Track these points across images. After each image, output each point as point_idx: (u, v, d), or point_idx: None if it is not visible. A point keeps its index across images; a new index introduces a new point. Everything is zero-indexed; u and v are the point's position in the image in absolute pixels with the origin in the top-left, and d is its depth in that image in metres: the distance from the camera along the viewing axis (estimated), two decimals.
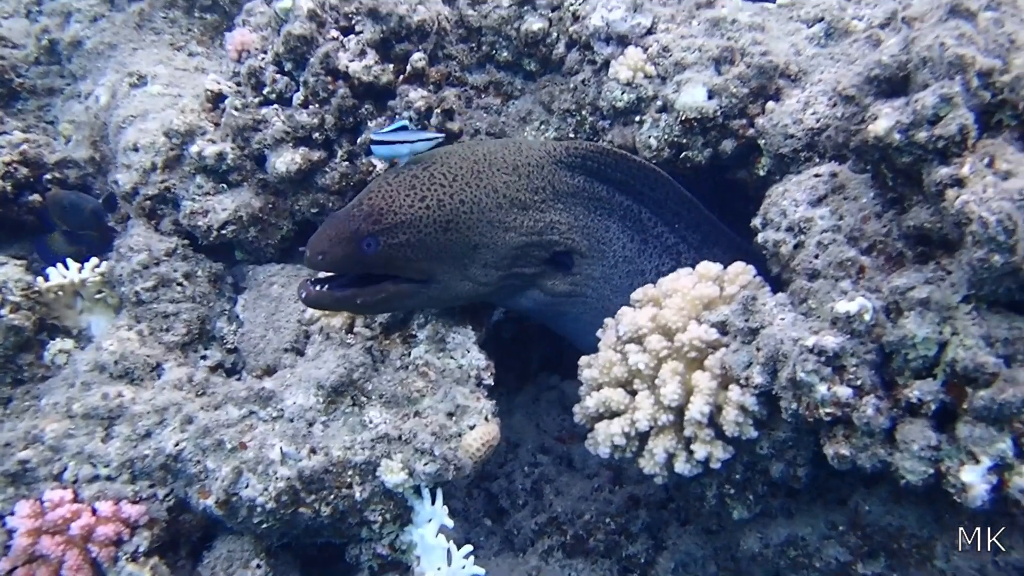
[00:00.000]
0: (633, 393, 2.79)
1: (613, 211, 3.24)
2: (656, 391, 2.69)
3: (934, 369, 2.24)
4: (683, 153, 3.21)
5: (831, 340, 2.28)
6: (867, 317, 2.29)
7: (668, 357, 2.72)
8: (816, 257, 2.58)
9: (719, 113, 3.09)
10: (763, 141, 3.04)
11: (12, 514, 2.69)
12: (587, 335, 3.04)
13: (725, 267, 2.88)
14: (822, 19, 3.24)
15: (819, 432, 2.44)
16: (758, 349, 2.51)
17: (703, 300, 2.77)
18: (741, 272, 2.83)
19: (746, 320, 2.60)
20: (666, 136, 3.20)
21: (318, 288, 2.81)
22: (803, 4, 3.34)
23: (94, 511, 2.74)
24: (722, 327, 2.69)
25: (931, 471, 2.19)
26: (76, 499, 2.76)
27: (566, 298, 3.27)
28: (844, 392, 2.26)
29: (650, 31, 3.27)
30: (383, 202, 2.80)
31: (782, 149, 2.96)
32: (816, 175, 2.76)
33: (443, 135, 3.08)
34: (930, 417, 2.21)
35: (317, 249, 2.74)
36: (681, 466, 2.67)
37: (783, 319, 2.55)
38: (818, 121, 2.86)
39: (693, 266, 3.34)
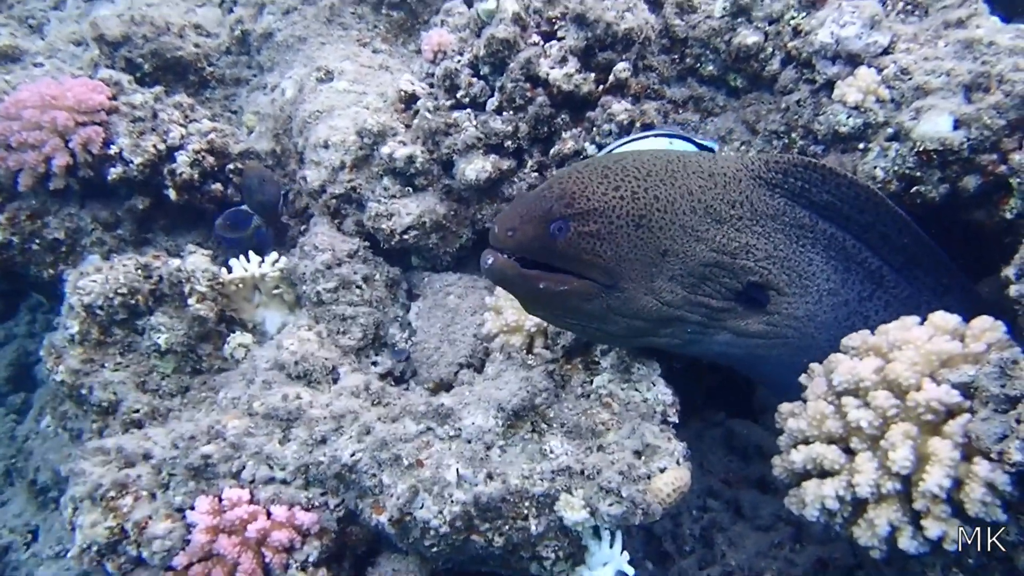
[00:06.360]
0: (849, 452, 2.51)
1: (817, 241, 2.91)
2: (882, 454, 2.39)
3: None
4: (914, 187, 2.89)
5: None
6: None
7: (897, 417, 2.42)
8: None
9: (965, 146, 2.75)
10: (1017, 180, 2.68)
11: (193, 508, 2.67)
12: (790, 379, 2.76)
13: (938, 299, 2.50)
14: None
15: None
16: (1018, 422, 2.19)
17: (941, 356, 2.45)
18: (988, 328, 2.48)
19: (1002, 386, 2.27)
20: (896, 167, 2.89)
21: (505, 257, 2.59)
22: None
23: (269, 514, 2.69)
24: (966, 389, 2.37)
25: None
26: (252, 500, 2.72)
27: (763, 340, 2.95)
28: None
29: (887, 51, 2.96)
30: (575, 186, 2.60)
31: None
32: None
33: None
34: None
35: (507, 225, 2.56)
36: (906, 543, 2.36)
37: None
38: None
39: (895, 290, 3.07)
